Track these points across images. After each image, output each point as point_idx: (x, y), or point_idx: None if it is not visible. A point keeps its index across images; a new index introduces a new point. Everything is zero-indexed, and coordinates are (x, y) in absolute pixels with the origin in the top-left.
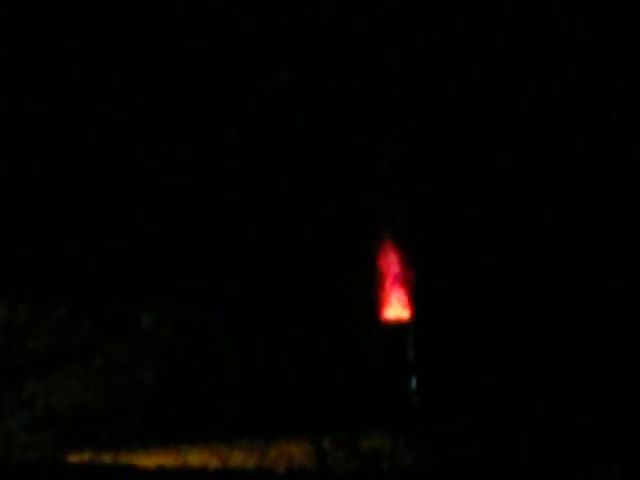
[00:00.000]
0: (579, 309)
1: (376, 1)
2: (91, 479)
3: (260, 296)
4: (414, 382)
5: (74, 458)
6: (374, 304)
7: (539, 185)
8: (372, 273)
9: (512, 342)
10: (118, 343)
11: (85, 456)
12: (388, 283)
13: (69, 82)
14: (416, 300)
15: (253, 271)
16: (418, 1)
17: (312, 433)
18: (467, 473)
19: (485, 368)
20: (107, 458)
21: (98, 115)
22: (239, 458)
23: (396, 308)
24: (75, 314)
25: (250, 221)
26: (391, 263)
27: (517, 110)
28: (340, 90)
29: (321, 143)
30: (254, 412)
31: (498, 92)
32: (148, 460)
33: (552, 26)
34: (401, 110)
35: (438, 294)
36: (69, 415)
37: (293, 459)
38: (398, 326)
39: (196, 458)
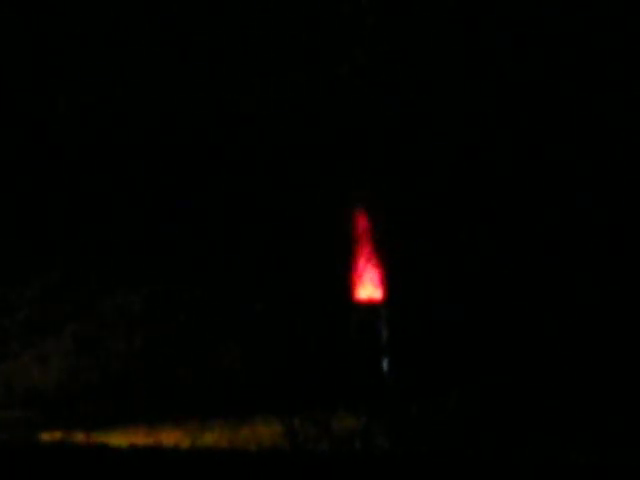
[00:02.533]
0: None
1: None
2: (63, 458)
3: (234, 277)
4: (386, 362)
5: (46, 437)
6: (347, 284)
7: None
8: (345, 254)
9: (484, 322)
10: (90, 324)
11: (57, 435)
12: (361, 263)
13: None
14: (388, 280)
15: (229, 252)
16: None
17: (283, 413)
18: (437, 453)
19: (456, 348)
20: (79, 437)
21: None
22: (211, 438)
23: (368, 288)
24: (48, 294)
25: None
26: (364, 244)
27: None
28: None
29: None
30: (226, 392)
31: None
32: (121, 439)
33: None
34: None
35: (410, 274)
36: (42, 394)
37: (264, 439)
38: (370, 306)
39: (168, 437)
